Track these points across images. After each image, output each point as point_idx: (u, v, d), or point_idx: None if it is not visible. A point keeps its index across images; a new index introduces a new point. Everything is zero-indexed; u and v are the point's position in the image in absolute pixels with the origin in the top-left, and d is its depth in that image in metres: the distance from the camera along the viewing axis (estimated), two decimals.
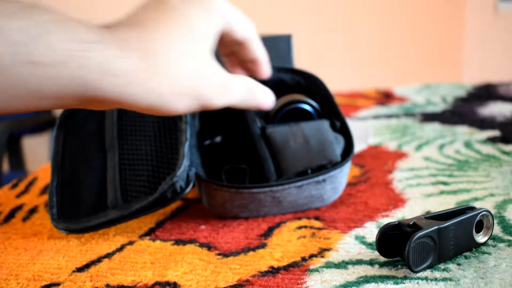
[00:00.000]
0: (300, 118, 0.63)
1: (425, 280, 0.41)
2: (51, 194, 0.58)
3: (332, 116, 0.64)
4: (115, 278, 0.46)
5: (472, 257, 0.45)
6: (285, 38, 0.85)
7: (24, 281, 0.47)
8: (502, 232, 0.49)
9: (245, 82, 0.41)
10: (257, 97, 0.42)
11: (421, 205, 0.58)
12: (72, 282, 0.46)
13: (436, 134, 0.88)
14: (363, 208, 0.58)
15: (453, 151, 0.77)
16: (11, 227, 0.59)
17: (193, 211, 0.61)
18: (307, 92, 0.67)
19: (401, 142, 0.85)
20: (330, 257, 0.47)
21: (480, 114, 1.00)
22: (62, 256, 0.51)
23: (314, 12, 2.10)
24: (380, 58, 2.20)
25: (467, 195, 0.60)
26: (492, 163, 0.71)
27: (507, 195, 0.59)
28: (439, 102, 1.15)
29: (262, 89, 0.42)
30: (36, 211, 0.64)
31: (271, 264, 0.47)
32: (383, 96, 1.25)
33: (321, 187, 0.57)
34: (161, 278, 0.45)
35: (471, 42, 2.23)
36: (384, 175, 0.69)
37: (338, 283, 0.43)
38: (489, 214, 0.46)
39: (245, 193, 0.55)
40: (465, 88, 1.26)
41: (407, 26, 2.21)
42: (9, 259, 0.51)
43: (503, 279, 0.41)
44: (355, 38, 2.18)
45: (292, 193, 0.56)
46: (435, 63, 2.21)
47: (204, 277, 0.45)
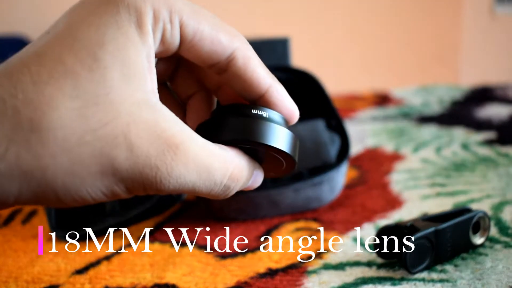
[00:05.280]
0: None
1: (422, 282, 0.42)
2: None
3: (328, 114, 0.64)
4: (114, 281, 0.46)
5: (469, 258, 0.45)
6: (282, 42, 0.85)
7: (24, 283, 0.47)
8: (499, 234, 0.49)
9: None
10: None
11: (419, 207, 0.58)
12: (71, 284, 0.46)
13: (433, 136, 0.89)
14: (360, 210, 0.58)
15: (450, 153, 0.78)
16: (11, 230, 0.59)
17: (191, 213, 0.61)
18: (302, 90, 0.67)
19: (398, 144, 0.85)
20: (328, 259, 0.47)
21: (477, 116, 1.01)
22: (61, 258, 0.51)
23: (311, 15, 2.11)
24: (377, 60, 2.21)
25: (464, 197, 0.60)
26: (488, 165, 0.71)
27: (503, 196, 0.59)
28: (436, 104, 1.16)
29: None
30: (35, 214, 0.64)
31: (269, 265, 0.47)
32: (380, 98, 1.26)
33: (318, 188, 0.57)
34: (160, 280, 0.46)
35: (468, 44, 2.24)
36: (381, 177, 0.69)
37: (336, 284, 0.43)
38: (486, 216, 0.46)
39: (241, 197, 0.55)
40: (462, 90, 1.27)
41: (404, 28, 2.21)
42: (8, 261, 0.51)
43: (499, 280, 0.41)
44: (352, 40, 2.18)
45: (289, 196, 0.56)
46: (432, 65, 2.22)
47: (203, 279, 0.45)
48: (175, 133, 0.24)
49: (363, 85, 1.59)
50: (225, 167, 0.26)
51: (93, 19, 0.24)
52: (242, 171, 0.27)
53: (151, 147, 0.24)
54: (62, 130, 0.22)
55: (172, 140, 0.24)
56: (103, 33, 0.24)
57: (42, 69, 0.23)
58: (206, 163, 0.25)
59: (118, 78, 0.23)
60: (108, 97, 0.23)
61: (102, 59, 0.23)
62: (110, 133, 0.23)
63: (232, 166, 0.27)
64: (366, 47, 2.21)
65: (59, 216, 0.57)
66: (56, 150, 0.22)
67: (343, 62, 2.18)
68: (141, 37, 0.24)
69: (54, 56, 0.23)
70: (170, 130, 0.24)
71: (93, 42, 0.23)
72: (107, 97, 0.23)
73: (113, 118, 0.23)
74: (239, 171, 0.27)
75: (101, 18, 0.24)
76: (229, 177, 0.27)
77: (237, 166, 0.27)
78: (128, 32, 0.24)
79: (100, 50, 0.23)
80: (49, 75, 0.23)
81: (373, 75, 2.16)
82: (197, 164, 0.25)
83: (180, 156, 0.24)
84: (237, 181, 0.27)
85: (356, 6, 2.16)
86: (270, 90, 0.28)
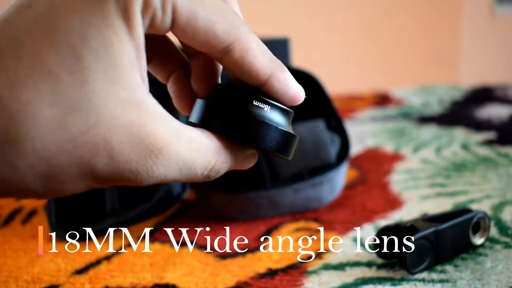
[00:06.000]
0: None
1: (422, 282, 0.42)
2: (50, 202, 0.58)
3: (328, 115, 0.64)
4: (114, 281, 0.46)
5: (469, 259, 0.45)
6: (282, 42, 0.85)
7: (24, 283, 0.47)
8: (499, 234, 0.50)
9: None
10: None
11: (419, 207, 0.58)
12: (71, 284, 0.46)
13: (433, 136, 0.89)
14: (360, 210, 0.59)
15: (450, 153, 0.78)
16: (11, 230, 0.60)
17: (191, 213, 0.61)
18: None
19: (398, 144, 0.85)
20: (328, 259, 0.48)
21: (476, 116, 1.01)
22: (61, 258, 0.51)
23: (311, 14, 2.11)
24: (377, 60, 2.21)
25: (464, 197, 0.60)
26: (488, 165, 0.71)
27: (503, 197, 0.59)
28: (436, 104, 1.16)
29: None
30: (35, 214, 0.64)
31: (269, 266, 0.47)
32: (380, 98, 1.26)
33: (318, 188, 0.57)
34: (160, 280, 0.46)
35: (468, 44, 2.24)
36: (381, 177, 0.69)
37: (336, 284, 0.43)
38: (486, 216, 0.46)
39: (241, 197, 0.55)
40: (462, 91, 1.27)
41: (404, 28, 2.21)
42: (8, 261, 0.51)
43: (499, 281, 0.41)
44: (352, 40, 2.18)
45: (289, 196, 0.56)
46: (432, 66, 2.22)
47: (203, 279, 0.45)
48: (159, 136, 0.23)
49: (363, 85, 1.59)
50: (207, 162, 0.26)
51: (77, 3, 0.22)
52: (225, 162, 0.27)
53: (132, 152, 0.23)
54: (39, 141, 0.21)
55: (155, 144, 0.23)
56: (87, 25, 0.22)
57: (19, 66, 0.21)
58: (189, 161, 0.25)
59: (101, 79, 0.22)
60: (90, 102, 0.22)
61: (84, 58, 0.22)
62: (90, 140, 0.22)
63: (215, 159, 0.26)
64: (366, 47, 2.21)
65: (59, 216, 0.57)
66: (34, 160, 0.22)
67: (343, 62, 2.17)
68: (129, 29, 0.22)
69: (33, 50, 0.21)
70: (154, 134, 0.23)
71: (76, 36, 0.22)
72: (89, 102, 0.22)
73: (94, 124, 0.22)
74: (222, 162, 0.27)
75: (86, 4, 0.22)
76: (210, 169, 0.26)
77: (221, 159, 0.26)
78: (115, 25, 0.22)
79: (83, 47, 0.22)
80: (27, 75, 0.21)
81: (373, 75, 2.16)
82: (179, 163, 0.24)
83: (161, 159, 0.24)
84: (218, 171, 0.27)
85: (356, 6, 2.16)
86: (269, 80, 0.27)
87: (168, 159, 0.24)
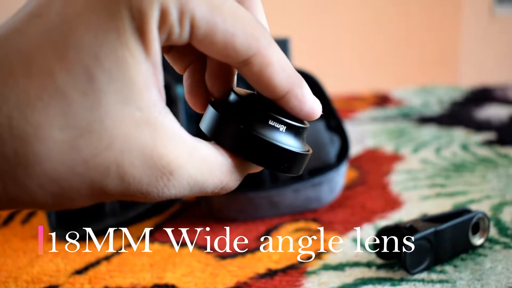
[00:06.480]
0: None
1: (422, 282, 0.42)
2: None
3: (327, 115, 0.64)
4: (113, 281, 0.46)
5: (469, 259, 0.45)
6: (282, 42, 0.85)
7: (23, 283, 0.47)
8: (498, 234, 0.50)
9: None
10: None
11: (418, 208, 0.58)
12: (71, 284, 0.46)
13: (432, 136, 0.89)
14: (360, 211, 0.59)
15: (449, 154, 0.78)
16: (10, 230, 0.60)
17: (191, 213, 0.61)
18: None
19: (398, 145, 0.85)
20: (327, 259, 0.48)
21: (476, 117, 1.01)
22: (61, 258, 0.51)
23: (311, 14, 2.11)
24: (377, 61, 2.21)
25: (464, 197, 0.60)
26: (488, 166, 0.71)
27: (503, 197, 0.59)
28: (435, 104, 1.16)
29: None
30: (35, 214, 0.64)
31: (269, 266, 0.47)
32: (380, 98, 1.26)
33: (318, 189, 0.58)
34: (160, 280, 0.46)
35: (468, 45, 2.24)
36: (381, 178, 0.69)
37: (335, 285, 0.43)
38: (485, 217, 0.46)
39: (241, 197, 0.55)
40: (461, 91, 1.27)
41: (404, 29, 2.21)
42: (8, 261, 0.51)
43: (499, 281, 0.41)
44: (352, 40, 2.18)
45: (288, 196, 0.57)
46: (432, 66, 2.22)
47: (202, 280, 0.45)
48: (172, 159, 0.23)
49: (363, 86, 1.59)
50: (219, 181, 0.25)
51: (91, 18, 0.21)
52: (237, 180, 0.27)
53: (144, 174, 0.22)
54: (50, 163, 0.21)
55: (167, 168, 0.23)
56: (101, 43, 0.21)
57: (30, 85, 0.21)
58: (200, 182, 0.24)
59: (115, 100, 0.21)
60: (103, 124, 0.21)
61: (97, 79, 0.21)
62: (102, 162, 0.22)
63: (227, 179, 0.26)
64: (366, 47, 2.21)
65: (59, 216, 0.57)
66: (44, 181, 0.21)
67: (343, 62, 2.18)
68: (145, 47, 0.22)
69: (44, 67, 0.21)
70: (167, 157, 0.23)
71: (89, 55, 0.21)
72: (102, 124, 0.21)
73: (106, 146, 0.21)
74: (233, 181, 0.26)
75: (100, 20, 0.21)
76: (221, 188, 0.26)
77: (233, 177, 0.26)
78: (129, 43, 0.21)
79: (96, 66, 0.21)
80: (37, 96, 0.21)
81: (373, 75, 2.16)
82: (190, 184, 0.24)
83: (173, 181, 0.23)
84: (230, 188, 0.27)
85: (356, 7, 2.17)
86: (286, 97, 0.26)
87: (180, 181, 0.24)
